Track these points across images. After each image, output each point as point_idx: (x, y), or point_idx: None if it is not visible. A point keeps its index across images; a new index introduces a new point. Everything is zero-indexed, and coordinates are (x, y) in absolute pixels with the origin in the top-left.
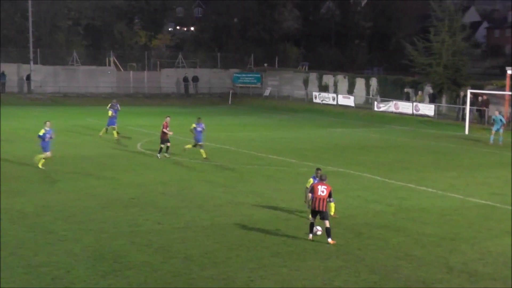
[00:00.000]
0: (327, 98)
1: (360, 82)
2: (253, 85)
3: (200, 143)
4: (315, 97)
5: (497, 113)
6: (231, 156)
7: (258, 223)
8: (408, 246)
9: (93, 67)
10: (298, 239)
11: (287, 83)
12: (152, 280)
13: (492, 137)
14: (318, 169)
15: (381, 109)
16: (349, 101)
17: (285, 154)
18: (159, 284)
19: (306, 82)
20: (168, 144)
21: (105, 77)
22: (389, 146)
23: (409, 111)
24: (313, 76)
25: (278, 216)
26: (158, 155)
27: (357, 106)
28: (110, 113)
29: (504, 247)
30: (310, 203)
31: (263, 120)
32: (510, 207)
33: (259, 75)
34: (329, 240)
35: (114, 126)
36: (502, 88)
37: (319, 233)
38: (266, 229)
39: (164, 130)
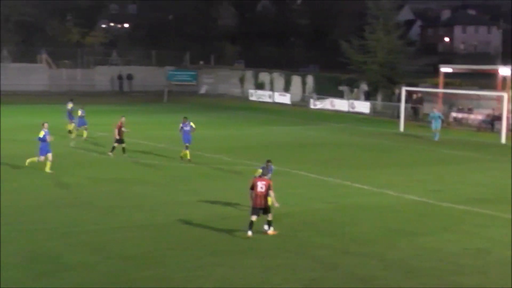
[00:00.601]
0: (263, 95)
1: (296, 80)
2: (189, 83)
3: (187, 144)
4: (251, 95)
5: (435, 110)
6: (167, 154)
7: (195, 222)
8: (346, 244)
9: (24, 65)
10: (236, 237)
11: (223, 81)
12: (88, 281)
13: (437, 134)
14: (268, 161)
15: (317, 107)
16: (286, 98)
17: (222, 153)
18: (95, 285)
19: (242, 80)
20: (124, 145)
21: (37, 75)
22: (326, 144)
23: (345, 108)
24: (249, 73)
25: (216, 214)
26: (110, 153)
27: (293, 104)
28: (79, 113)
29: (440, 243)
30: (252, 202)
31: (198, 118)
32: (445, 204)
33: (194, 73)
34: (270, 231)
35: (85, 126)
36: (436, 86)
37: (269, 232)
38: (204, 228)
39: (121, 129)
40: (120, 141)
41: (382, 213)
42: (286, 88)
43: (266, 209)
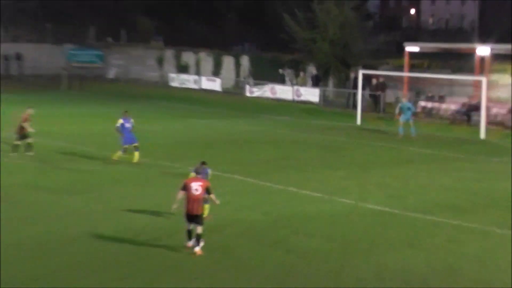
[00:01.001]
0: (187, 81)
1: (228, 61)
2: (94, 65)
3: (135, 144)
4: (172, 80)
5: (404, 100)
6: (67, 155)
7: (102, 238)
8: (290, 263)
9: None
10: (154, 255)
11: (137, 62)
12: None
13: (401, 128)
14: (202, 163)
15: (254, 95)
16: (215, 84)
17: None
18: None
19: (160, 61)
20: (29, 140)
21: None
22: (264, 141)
23: (289, 96)
24: (169, 53)
25: (128, 227)
26: (12, 154)
27: (224, 91)
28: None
29: (404, 261)
30: (185, 205)
31: (106, 110)
32: (410, 213)
33: (101, 53)
34: (197, 249)
35: None
36: (400, 68)
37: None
38: (113, 244)
39: (23, 124)
40: (23, 137)
41: (334, 224)
42: (216, 72)
43: (198, 218)
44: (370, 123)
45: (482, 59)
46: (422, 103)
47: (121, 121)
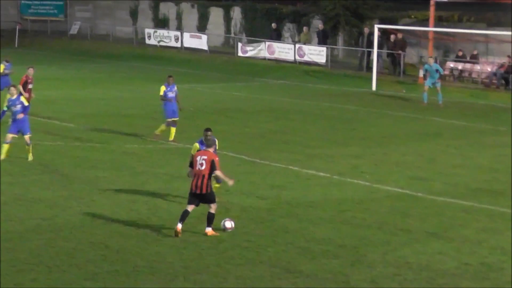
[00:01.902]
0: (167, 38)
1: (216, 14)
2: (53, 18)
3: (174, 118)
4: (149, 37)
5: (431, 61)
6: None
7: (64, 229)
8: (291, 258)
9: None
10: (127, 252)
11: (106, 14)
12: None
13: (425, 94)
14: (206, 129)
15: (248, 54)
16: (201, 42)
17: (104, 124)
18: None
19: (134, 14)
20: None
21: None
22: (260, 111)
23: (290, 57)
24: (145, 4)
25: (95, 218)
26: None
27: (212, 50)
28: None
29: (428, 256)
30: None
31: (69, 72)
32: (436, 198)
33: (61, 3)
34: (208, 230)
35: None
36: (424, 22)
37: (228, 229)
38: (77, 238)
39: (27, 85)
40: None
41: (344, 212)
42: (201, 27)
43: (208, 197)
44: (387, 88)
45: None
46: (451, 64)
47: (164, 88)
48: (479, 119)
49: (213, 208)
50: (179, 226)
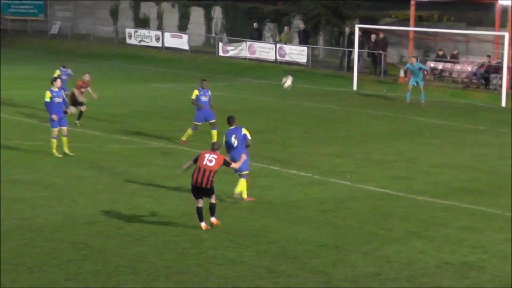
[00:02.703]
0: (148, 37)
1: (197, 13)
2: (33, 17)
3: (211, 121)
4: (130, 37)
5: (413, 60)
6: None
7: (45, 230)
8: (272, 258)
9: None
10: (108, 252)
11: (86, 14)
12: None
13: (408, 94)
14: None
15: (229, 54)
16: (182, 42)
17: (86, 123)
18: None
19: (115, 13)
20: (82, 108)
21: None
22: (242, 110)
23: (271, 56)
24: (125, 3)
25: (76, 218)
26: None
27: (193, 50)
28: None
29: (410, 255)
30: (192, 175)
31: (49, 72)
32: (417, 197)
33: (41, 2)
34: (213, 219)
35: None
36: (405, 21)
37: (286, 85)
38: (58, 238)
39: (78, 90)
40: (77, 103)
41: (325, 211)
42: (182, 27)
43: (209, 190)
44: (368, 87)
45: (505, 10)
46: (432, 64)
47: (197, 92)
48: (460, 118)
49: (213, 198)
50: (203, 224)
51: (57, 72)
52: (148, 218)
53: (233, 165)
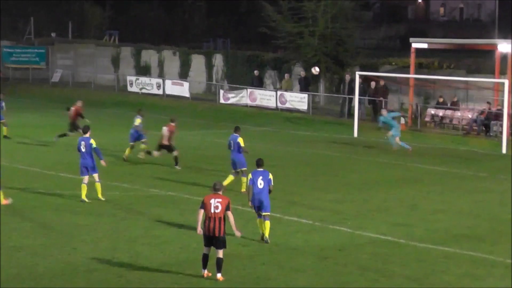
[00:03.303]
0: (149, 85)
1: (198, 61)
2: (35, 66)
3: (243, 168)
4: (131, 84)
5: (384, 112)
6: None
7: (44, 278)
8: None
9: None
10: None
11: (87, 62)
12: None
13: (402, 143)
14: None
15: (230, 101)
16: (182, 89)
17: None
18: None
19: (116, 61)
20: (175, 153)
21: None
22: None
23: (272, 103)
24: (126, 51)
25: (76, 266)
26: (177, 166)
27: (194, 97)
28: None
29: None
30: (204, 223)
31: (51, 119)
32: (418, 244)
33: (43, 51)
34: (219, 275)
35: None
36: (405, 68)
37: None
38: (58, 286)
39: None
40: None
41: (326, 258)
42: (183, 74)
43: (220, 240)
44: (368, 134)
45: (504, 57)
46: (432, 111)
47: (230, 140)
48: (460, 165)
49: (221, 253)
50: (205, 272)
51: (138, 121)
52: (148, 265)
53: (230, 215)
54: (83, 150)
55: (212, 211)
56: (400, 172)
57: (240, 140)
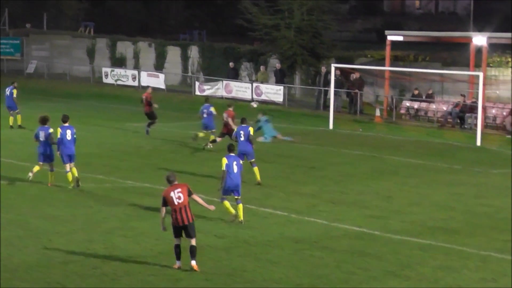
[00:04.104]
0: (124, 76)
1: (173, 53)
2: (9, 57)
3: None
4: (106, 76)
5: (259, 115)
6: None
7: (19, 269)
8: None
9: None
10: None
11: (63, 53)
12: None
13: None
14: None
15: (205, 93)
16: (158, 81)
17: (61, 163)
18: None
19: (91, 53)
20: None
21: None
22: (217, 149)
23: (248, 95)
24: (102, 43)
25: (51, 257)
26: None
27: (170, 89)
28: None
29: None
30: (171, 216)
31: (25, 111)
32: (393, 236)
33: (17, 42)
34: (193, 263)
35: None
36: (381, 61)
37: (255, 105)
38: (33, 278)
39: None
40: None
41: (302, 250)
42: (159, 66)
43: (190, 227)
44: (344, 126)
45: (479, 50)
46: (407, 103)
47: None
48: (435, 158)
49: (194, 241)
50: (178, 263)
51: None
52: (124, 257)
53: (196, 198)
54: (68, 138)
55: (176, 202)
56: (376, 165)
57: (251, 130)
